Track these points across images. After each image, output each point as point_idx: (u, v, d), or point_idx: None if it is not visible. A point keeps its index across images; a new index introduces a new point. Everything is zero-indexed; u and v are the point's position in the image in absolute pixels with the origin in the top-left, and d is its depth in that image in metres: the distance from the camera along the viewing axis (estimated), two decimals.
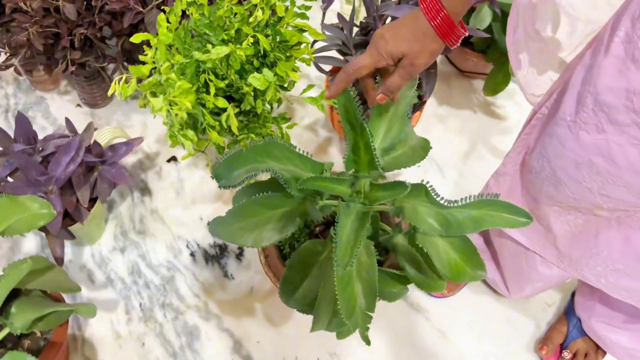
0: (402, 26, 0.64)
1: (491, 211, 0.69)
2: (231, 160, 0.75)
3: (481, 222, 0.66)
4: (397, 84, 0.67)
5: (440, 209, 0.69)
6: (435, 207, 0.69)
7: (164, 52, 0.78)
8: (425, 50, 0.63)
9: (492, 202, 0.68)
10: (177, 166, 1.23)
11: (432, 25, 0.61)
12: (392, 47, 0.64)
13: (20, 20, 1.01)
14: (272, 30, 0.89)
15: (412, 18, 0.63)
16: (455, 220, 0.69)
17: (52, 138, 0.95)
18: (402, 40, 0.63)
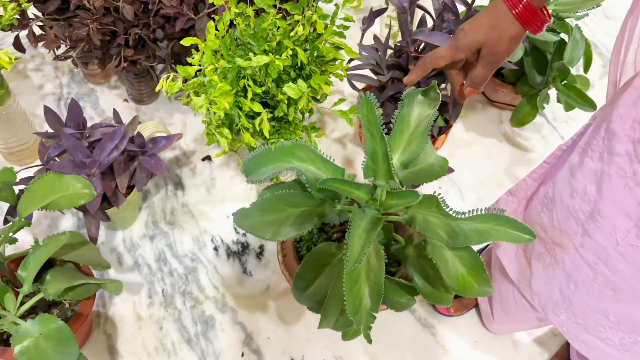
0: (481, 17, 0.65)
1: (496, 225, 0.72)
2: (260, 157, 0.80)
3: (486, 235, 0.70)
4: (481, 76, 0.68)
5: (449, 220, 0.73)
6: (445, 218, 0.73)
7: (210, 56, 0.85)
8: (504, 36, 0.63)
9: (498, 217, 0.72)
10: (210, 165, 1.30)
11: (513, 14, 0.62)
12: (469, 38, 0.65)
13: (82, 17, 1.11)
14: (310, 45, 0.95)
15: (491, 8, 0.64)
16: (462, 232, 0.72)
17: (100, 126, 1.03)
18: (480, 30, 0.64)
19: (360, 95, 1.19)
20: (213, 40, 0.87)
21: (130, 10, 1.10)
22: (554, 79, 1.23)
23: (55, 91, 1.41)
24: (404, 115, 0.80)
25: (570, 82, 1.23)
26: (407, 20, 1.00)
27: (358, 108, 0.74)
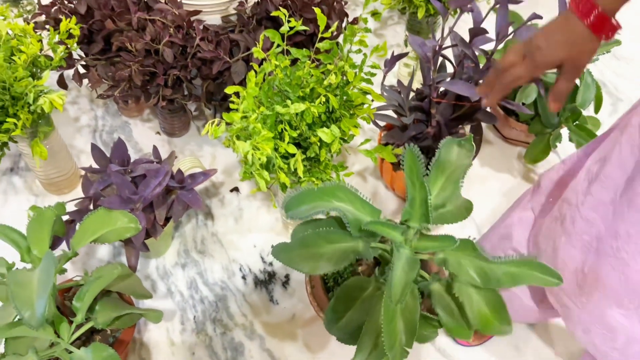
0: (555, 31, 0.66)
1: (527, 269, 0.78)
2: (302, 196, 0.87)
3: (517, 278, 0.76)
4: (566, 89, 0.70)
5: (483, 263, 0.79)
6: (479, 260, 0.79)
7: (252, 102, 0.92)
8: (584, 51, 0.65)
9: (529, 262, 0.78)
10: (238, 196, 1.36)
11: (586, 24, 0.63)
12: (549, 57, 0.66)
13: (125, 58, 1.18)
14: (340, 91, 1.02)
15: (563, 20, 0.65)
16: (494, 275, 0.78)
17: (141, 162, 1.10)
18: (558, 48, 0.65)
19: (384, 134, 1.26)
20: (253, 88, 0.94)
21: (170, 53, 1.18)
22: (567, 119, 1.30)
23: (90, 123, 1.48)
24: (440, 163, 0.87)
25: (582, 123, 1.30)
26: (430, 69, 1.07)
27: (402, 158, 0.81)
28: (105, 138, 1.46)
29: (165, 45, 1.17)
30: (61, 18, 1.20)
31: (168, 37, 1.16)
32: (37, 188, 1.35)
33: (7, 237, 0.87)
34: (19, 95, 1.03)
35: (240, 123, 0.90)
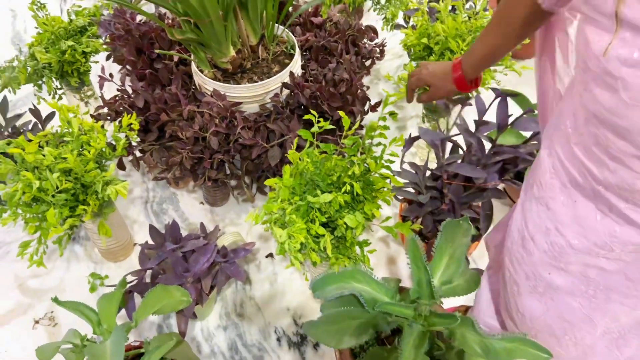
0: (439, 67, 1.04)
1: (521, 345, 0.90)
2: (326, 278, 1.01)
3: (512, 353, 0.87)
4: (424, 100, 1.11)
5: (483, 337, 0.91)
6: (479, 336, 0.91)
7: (287, 192, 1.08)
8: (443, 88, 1.03)
9: (522, 339, 0.89)
10: (272, 262, 1.51)
11: (453, 77, 1.00)
12: (425, 78, 1.05)
13: (177, 146, 1.37)
14: (363, 177, 1.17)
15: (445, 66, 1.02)
16: (494, 349, 0.90)
17: (190, 238, 1.27)
18: (433, 75, 1.04)
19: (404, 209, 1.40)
20: (288, 180, 1.10)
21: (215, 141, 1.35)
22: None
23: (142, 195, 1.67)
24: (441, 244, 1.01)
25: None
26: (440, 154, 1.21)
27: (405, 247, 0.95)
28: (155, 208, 1.64)
29: (212, 134, 1.35)
30: (122, 110, 1.40)
31: (214, 127, 1.34)
32: (96, 256, 1.53)
33: (81, 312, 1.02)
34: (88, 184, 1.21)
35: (278, 213, 1.05)
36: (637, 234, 0.71)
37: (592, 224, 0.76)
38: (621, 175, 0.67)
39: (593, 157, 0.70)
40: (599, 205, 0.74)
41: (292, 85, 1.41)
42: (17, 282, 1.47)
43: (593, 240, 0.76)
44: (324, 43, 1.59)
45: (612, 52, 0.59)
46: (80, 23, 1.56)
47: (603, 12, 0.59)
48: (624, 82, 0.59)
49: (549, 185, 0.81)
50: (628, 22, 0.56)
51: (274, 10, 1.48)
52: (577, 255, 0.80)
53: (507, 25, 0.89)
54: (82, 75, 1.59)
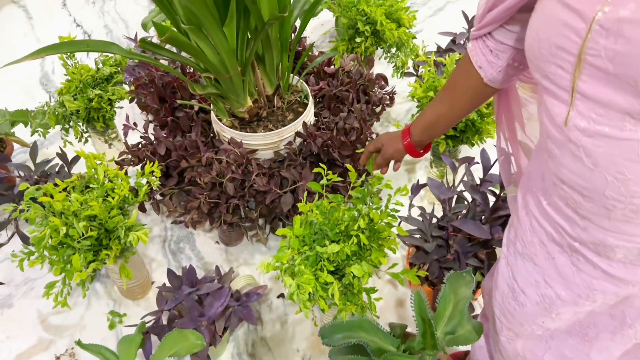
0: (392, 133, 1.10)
1: None
2: (334, 327, 1.06)
3: None
4: (378, 162, 1.13)
5: None
6: None
7: (297, 242, 1.14)
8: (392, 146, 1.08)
9: None
10: (284, 302, 1.56)
11: (403, 144, 1.06)
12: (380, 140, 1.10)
13: (194, 191, 1.44)
14: (369, 227, 1.23)
15: (398, 132, 1.08)
16: None
17: (205, 281, 1.33)
18: (386, 139, 1.09)
19: (411, 255, 1.45)
20: (298, 229, 1.16)
21: (232, 187, 1.42)
22: None
23: (160, 234, 1.74)
24: (445, 296, 1.06)
25: None
26: (446, 208, 1.27)
27: (411, 300, 1.00)
28: (173, 247, 1.71)
29: (228, 180, 1.42)
30: (144, 157, 1.48)
31: (231, 173, 1.42)
32: (115, 293, 1.59)
33: (102, 355, 1.09)
34: (111, 229, 1.28)
35: (288, 263, 1.11)
36: (613, 285, 0.76)
37: (571, 278, 0.80)
38: (592, 232, 0.72)
39: (564, 216, 0.75)
40: (574, 260, 0.78)
41: (305, 135, 1.49)
42: (40, 319, 1.54)
43: (577, 292, 0.81)
44: (336, 92, 1.67)
45: (571, 122, 0.65)
46: (107, 72, 1.66)
47: (561, 86, 0.64)
48: (586, 150, 0.65)
49: (530, 242, 0.86)
50: (583, 95, 0.62)
51: (289, 62, 1.57)
52: (565, 306, 0.84)
53: (455, 96, 0.92)
54: (107, 120, 1.68)
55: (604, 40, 0.56)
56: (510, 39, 0.79)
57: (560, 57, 0.62)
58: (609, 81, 0.59)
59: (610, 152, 0.62)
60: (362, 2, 1.82)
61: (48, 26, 2.66)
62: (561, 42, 0.61)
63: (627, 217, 0.67)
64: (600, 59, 0.58)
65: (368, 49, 1.86)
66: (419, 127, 1.02)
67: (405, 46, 1.87)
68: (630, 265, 0.73)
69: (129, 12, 2.71)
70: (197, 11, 1.15)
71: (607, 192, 0.66)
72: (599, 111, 0.61)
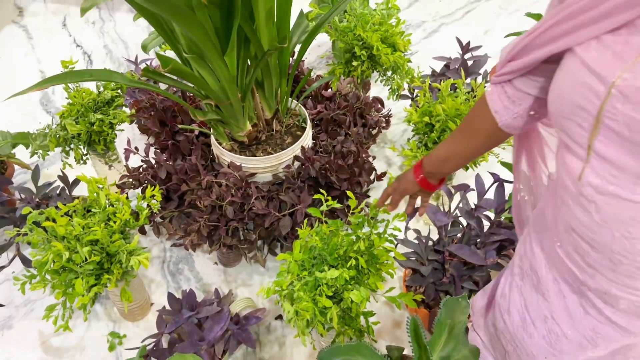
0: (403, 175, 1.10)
1: None
2: (333, 350, 1.08)
3: None
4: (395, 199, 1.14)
5: None
6: None
7: (296, 267, 1.17)
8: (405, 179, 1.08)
9: None
10: (282, 323, 1.58)
11: (416, 179, 1.06)
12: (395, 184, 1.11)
13: (194, 214, 1.47)
14: (367, 251, 1.25)
15: (409, 171, 1.08)
16: None
17: (205, 304, 1.35)
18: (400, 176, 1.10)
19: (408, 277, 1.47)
20: (297, 254, 1.19)
21: (231, 210, 1.45)
22: None
23: (160, 255, 1.76)
24: (441, 322, 1.08)
25: None
26: (443, 234, 1.30)
27: (406, 325, 1.02)
28: (172, 268, 1.73)
29: (228, 203, 1.45)
30: (145, 180, 1.51)
31: (230, 197, 1.44)
32: (115, 315, 1.61)
33: None
34: (112, 253, 1.30)
35: (288, 289, 1.13)
36: (616, 333, 0.79)
37: (579, 318, 0.83)
38: (598, 280, 0.75)
39: (574, 261, 0.78)
40: (583, 302, 0.81)
41: (304, 159, 1.52)
42: (40, 340, 1.55)
43: (582, 332, 0.83)
44: (333, 115, 1.70)
45: (585, 179, 0.67)
46: (108, 96, 1.68)
47: (579, 143, 0.66)
48: (597, 206, 0.67)
49: (544, 277, 0.87)
50: (598, 154, 0.64)
51: (288, 87, 1.60)
52: (569, 344, 0.86)
53: (469, 135, 0.93)
54: (108, 143, 1.71)
55: (621, 106, 0.58)
56: (532, 88, 0.79)
57: (580, 116, 0.64)
58: (623, 145, 0.60)
59: (620, 212, 0.65)
60: (358, 28, 1.86)
61: (48, 46, 2.69)
62: (582, 102, 0.63)
63: (631, 272, 0.70)
64: (616, 122, 0.59)
65: (364, 72, 1.90)
66: (431, 161, 1.03)
67: (401, 69, 1.91)
68: (634, 316, 0.75)
69: (129, 33, 2.74)
70: (199, 41, 1.18)
71: (613, 247, 0.68)
72: (614, 172, 0.63)
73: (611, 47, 0.60)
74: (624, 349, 0.83)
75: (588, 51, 0.62)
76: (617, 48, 0.59)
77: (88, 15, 2.87)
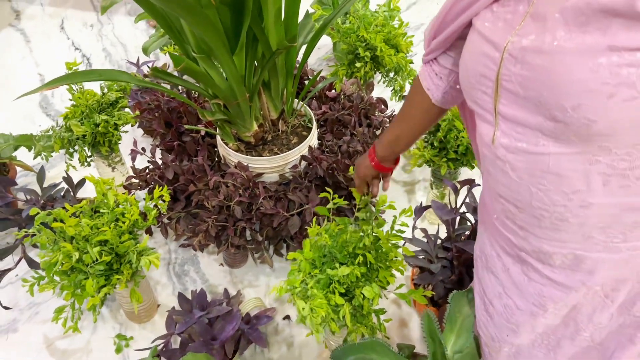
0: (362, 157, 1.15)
1: None
2: (346, 349, 1.09)
3: None
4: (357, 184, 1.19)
5: None
6: None
7: (308, 266, 1.17)
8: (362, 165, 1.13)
9: None
10: (289, 323, 1.58)
11: (371, 163, 1.11)
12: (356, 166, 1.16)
13: (202, 214, 1.46)
14: (375, 247, 1.26)
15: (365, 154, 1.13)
16: None
17: (215, 304, 1.34)
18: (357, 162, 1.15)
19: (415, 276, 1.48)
20: (308, 253, 1.19)
21: (239, 210, 1.45)
22: None
23: (165, 256, 1.75)
24: (452, 316, 1.09)
25: None
26: (451, 230, 1.30)
27: (417, 309, 1.03)
28: (177, 270, 1.72)
29: (236, 203, 1.45)
30: (152, 181, 1.50)
31: (238, 196, 1.44)
32: (121, 317, 1.60)
33: None
34: (122, 253, 1.30)
35: (301, 286, 1.13)
36: (559, 292, 0.81)
37: (524, 286, 0.86)
38: (530, 241, 0.79)
39: (507, 227, 0.82)
40: (524, 269, 0.84)
41: (311, 158, 1.52)
42: (46, 343, 1.54)
43: (531, 300, 0.86)
44: (338, 116, 1.71)
45: (497, 141, 0.73)
46: (113, 97, 1.68)
47: (487, 109, 0.73)
48: (511, 165, 0.73)
49: (490, 255, 0.92)
50: (504, 117, 0.71)
51: (294, 88, 1.61)
52: (522, 315, 0.89)
53: (410, 115, 1.01)
54: (112, 145, 1.70)
55: (513, 67, 0.66)
56: (450, 63, 0.88)
57: (484, 84, 0.71)
58: (521, 103, 0.67)
59: (530, 166, 0.70)
60: (361, 29, 1.87)
61: (46, 49, 2.68)
62: (482, 70, 0.70)
63: (554, 224, 0.74)
64: (512, 83, 0.66)
65: (367, 74, 1.91)
66: (382, 145, 1.09)
67: (403, 70, 1.92)
68: (569, 270, 0.78)
69: (127, 36, 2.74)
70: (210, 40, 1.18)
71: (533, 202, 0.73)
72: (518, 129, 0.69)
73: (502, 17, 0.68)
74: (573, 313, 0.84)
75: (483, 23, 0.70)
76: (507, 17, 0.67)
77: (86, 19, 2.86)
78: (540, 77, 0.63)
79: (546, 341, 0.90)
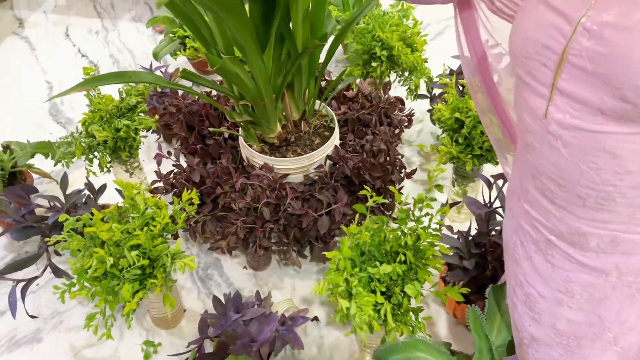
0: None
1: None
2: (390, 348, 1.08)
3: None
4: None
5: None
6: None
7: (349, 264, 1.16)
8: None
9: None
10: (318, 325, 1.57)
11: None
12: None
13: (230, 217, 1.45)
14: (414, 246, 1.25)
15: None
16: None
17: (248, 307, 1.33)
18: None
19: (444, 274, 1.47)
20: (347, 251, 1.18)
21: (267, 211, 1.44)
22: None
23: None
24: (491, 310, 1.09)
25: None
26: (484, 225, 1.30)
27: (467, 315, 1.03)
28: (201, 274, 1.71)
29: (264, 204, 1.44)
30: (177, 184, 1.49)
31: (265, 198, 1.43)
32: (147, 323, 1.58)
33: None
34: (154, 258, 1.28)
35: (343, 284, 1.13)
36: (588, 275, 0.81)
37: (548, 274, 0.86)
38: (567, 221, 0.78)
39: (541, 209, 0.82)
40: (549, 257, 0.84)
41: (337, 158, 1.52)
42: (72, 352, 1.52)
43: (556, 287, 0.86)
44: (359, 115, 1.70)
45: (550, 116, 0.72)
46: (133, 102, 1.67)
47: (543, 82, 0.72)
48: (563, 141, 0.72)
49: (512, 244, 0.92)
50: (561, 91, 0.70)
51: (315, 88, 1.60)
52: (546, 303, 0.88)
53: None
54: (133, 149, 1.69)
55: (586, 42, 0.64)
56: None
57: (544, 55, 0.70)
58: (586, 80, 0.66)
59: (584, 144, 0.70)
60: (377, 29, 1.87)
61: (53, 57, 2.66)
62: (547, 41, 0.69)
63: (599, 204, 0.73)
64: (581, 58, 0.65)
65: (383, 73, 1.91)
66: None
67: (418, 69, 1.93)
68: (603, 253, 0.78)
69: (134, 42, 2.72)
70: (243, 41, 1.18)
71: (581, 180, 0.72)
72: (575, 106, 0.68)
73: None
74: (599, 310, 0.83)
75: None
76: None
77: (90, 25, 2.85)
78: (618, 54, 0.61)
79: (565, 341, 0.90)
